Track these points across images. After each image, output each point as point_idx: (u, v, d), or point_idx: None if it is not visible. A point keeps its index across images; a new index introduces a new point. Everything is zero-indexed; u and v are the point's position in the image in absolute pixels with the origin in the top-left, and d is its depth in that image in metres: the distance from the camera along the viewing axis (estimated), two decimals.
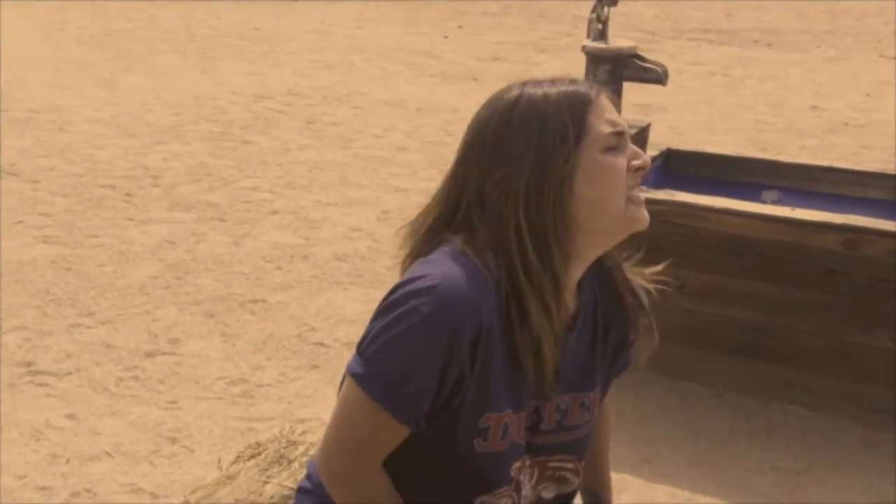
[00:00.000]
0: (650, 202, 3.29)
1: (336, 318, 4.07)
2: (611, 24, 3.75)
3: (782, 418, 3.33)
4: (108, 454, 3.15)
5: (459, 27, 10.99)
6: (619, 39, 3.61)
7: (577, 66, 3.77)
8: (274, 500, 2.13)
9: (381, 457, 1.47)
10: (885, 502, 2.93)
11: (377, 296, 3.29)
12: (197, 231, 5.00)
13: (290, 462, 2.27)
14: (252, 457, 2.35)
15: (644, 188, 3.55)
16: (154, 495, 2.93)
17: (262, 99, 7.70)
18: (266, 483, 2.20)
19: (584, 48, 3.56)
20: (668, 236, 3.30)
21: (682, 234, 3.27)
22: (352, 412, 1.44)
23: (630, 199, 1.42)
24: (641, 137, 3.70)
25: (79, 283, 4.36)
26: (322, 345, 3.86)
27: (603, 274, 1.54)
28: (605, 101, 1.43)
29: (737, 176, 3.75)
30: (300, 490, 1.70)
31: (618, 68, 3.50)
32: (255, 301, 4.23)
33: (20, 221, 5.08)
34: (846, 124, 6.95)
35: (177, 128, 6.89)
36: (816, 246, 3.09)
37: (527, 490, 1.54)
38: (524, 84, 1.44)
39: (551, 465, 1.55)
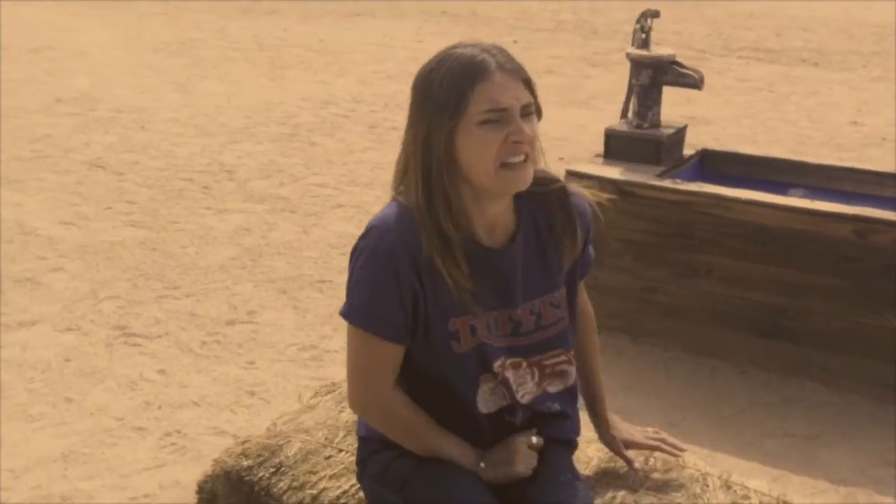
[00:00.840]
0: (683, 193, 3.67)
1: None
2: (662, 41, 4.11)
3: (799, 392, 3.66)
4: (195, 403, 3.58)
5: (515, 42, 11.38)
6: (659, 47, 3.98)
7: (626, 80, 4.13)
8: (348, 424, 2.52)
9: (390, 377, 1.84)
10: (890, 463, 3.25)
11: None
12: (269, 220, 5.45)
13: None
14: (328, 392, 2.75)
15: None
16: (236, 437, 3.34)
17: (327, 105, 8.17)
18: (342, 412, 2.59)
19: (628, 55, 3.94)
20: (699, 225, 3.66)
21: (711, 223, 3.63)
22: (353, 347, 1.84)
23: (504, 165, 1.73)
24: (678, 138, 4.07)
25: (164, 261, 4.82)
26: None
27: (538, 196, 1.86)
28: (498, 77, 1.70)
29: (766, 175, 4.09)
30: (360, 438, 2.07)
31: (658, 73, 3.87)
32: (322, 281, 4.65)
33: (109, 208, 5.57)
34: (884, 139, 7.22)
35: (249, 129, 7.37)
36: (831, 234, 3.43)
37: (530, 386, 1.89)
38: (453, 47, 1.77)
39: (547, 362, 1.91)
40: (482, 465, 1.86)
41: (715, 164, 4.17)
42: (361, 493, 2.24)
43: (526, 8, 14.24)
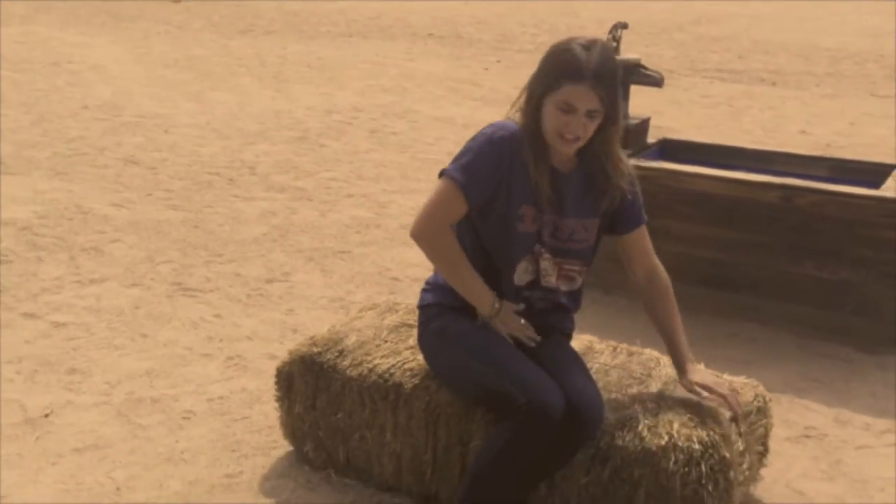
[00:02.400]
0: (647, 170, 4.54)
1: (406, 264, 5.30)
2: None
3: (738, 330, 4.51)
4: (249, 338, 4.38)
5: (498, 61, 12.29)
6: (627, 53, 4.84)
7: None
8: (389, 326, 3.34)
9: (448, 221, 2.66)
10: (809, 378, 4.10)
11: None
12: (291, 206, 6.27)
13: (397, 311, 3.49)
14: (370, 308, 3.57)
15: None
16: None
17: (331, 113, 9.02)
18: (383, 320, 3.41)
19: None
20: (658, 194, 4.49)
21: (666, 193, 4.48)
22: (438, 193, 2.65)
23: (560, 136, 2.57)
24: (642, 128, 4.93)
25: (206, 235, 5.63)
26: (397, 279, 5.09)
27: (597, 156, 2.70)
28: (582, 88, 2.48)
29: (716, 159, 4.95)
30: (423, 290, 2.92)
31: (626, 73, 4.73)
32: (343, 252, 5.47)
33: (149, 194, 6.37)
34: (828, 145, 8.15)
35: (263, 133, 8.20)
36: (761, 199, 4.30)
37: (552, 279, 2.76)
38: (581, 42, 2.56)
39: (566, 266, 2.78)
40: (494, 312, 2.71)
41: (673, 150, 5.04)
42: (406, 366, 3.08)
43: (507, 31, 15.20)
